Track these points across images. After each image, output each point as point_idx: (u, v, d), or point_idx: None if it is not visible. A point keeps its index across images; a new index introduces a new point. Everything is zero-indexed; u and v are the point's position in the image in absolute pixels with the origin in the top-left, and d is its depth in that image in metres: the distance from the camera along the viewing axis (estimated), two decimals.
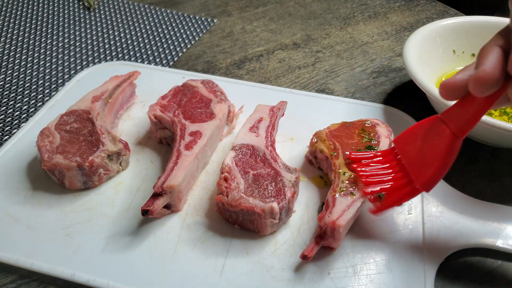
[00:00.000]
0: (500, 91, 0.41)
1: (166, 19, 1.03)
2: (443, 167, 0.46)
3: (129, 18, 1.03)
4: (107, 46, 0.93)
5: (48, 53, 0.91)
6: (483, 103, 0.43)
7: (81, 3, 1.09)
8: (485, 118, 0.58)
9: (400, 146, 0.52)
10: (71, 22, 1.01)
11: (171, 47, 0.93)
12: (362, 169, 0.54)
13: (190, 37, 0.96)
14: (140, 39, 0.96)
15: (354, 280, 0.50)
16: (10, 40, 0.94)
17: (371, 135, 0.61)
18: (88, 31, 0.98)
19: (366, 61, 0.90)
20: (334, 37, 0.98)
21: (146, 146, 0.67)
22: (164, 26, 1.00)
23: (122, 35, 0.97)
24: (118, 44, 0.94)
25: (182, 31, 0.99)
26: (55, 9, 1.06)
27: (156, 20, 1.03)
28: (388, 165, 0.53)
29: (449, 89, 0.44)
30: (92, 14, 1.05)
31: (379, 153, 0.55)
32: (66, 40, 0.95)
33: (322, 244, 0.50)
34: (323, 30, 1.00)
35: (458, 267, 0.53)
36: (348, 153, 0.57)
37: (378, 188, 0.51)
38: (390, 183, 0.51)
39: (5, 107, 0.76)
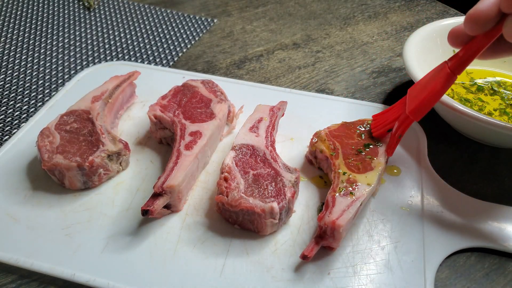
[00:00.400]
0: (495, 31, 0.45)
1: (166, 19, 1.03)
2: (432, 96, 0.52)
3: (129, 18, 1.03)
4: (107, 46, 0.93)
5: (48, 53, 0.91)
6: (480, 43, 0.47)
7: (81, 3, 1.09)
8: (485, 118, 0.58)
9: (410, 92, 0.57)
10: (71, 22, 1.01)
11: (171, 47, 0.93)
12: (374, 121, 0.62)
13: (190, 37, 0.96)
14: (140, 39, 0.96)
15: (354, 280, 0.50)
16: (10, 40, 0.94)
17: (371, 135, 0.61)
18: (88, 31, 0.98)
19: (366, 61, 0.90)
20: (334, 37, 0.98)
21: (146, 146, 0.67)
22: (164, 26, 1.00)
23: (122, 35, 0.97)
24: (118, 44, 0.94)
25: (182, 31, 0.99)
26: (55, 9, 1.06)
27: (156, 20, 1.03)
28: (398, 113, 0.58)
29: (454, 36, 0.48)
30: (92, 14, 1.05)
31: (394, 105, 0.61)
32: (66, 40, 0.95)
33: (322, 244, 0.50)
34: (323, 30, 1.00)
35: (458, 267, 0.53)
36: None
37: (382, 130, 0.60)
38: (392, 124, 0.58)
39: (5, 107, 0.76)
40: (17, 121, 0.74)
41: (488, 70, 0.79)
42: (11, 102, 0.78)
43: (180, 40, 0.95)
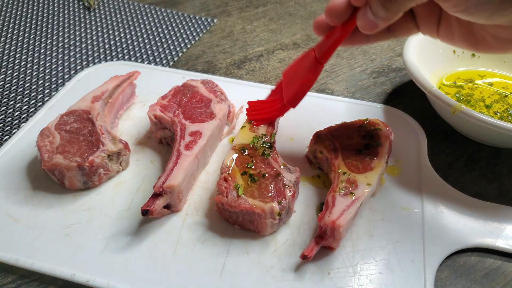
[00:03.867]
0: (351, 22, 0.50)
1: (166, 19, 1.03)
2: (304, 86, 0.57)
3: (129, 18, 1.03)
4: (107, 46, 0.93)
5: (48, 53, 0.91)
6: (340, 33, 0.52)
7: (81, 3, 1.09)
8: (485, 118, 0.58)
9: (285, 77, 0.61)
10: (71, 22, 1.01)
11: (171, 47, 0.93)
12: (252, 111, 0.64)
13: (190, 37, 0.96)
14: (140, 39, 0.96)
15: (354, 280, 0.50)
16: (10, 40, 0.94)
17: (371, 135, 0.61)
18: (88, 31, 0.98)
19: (366, 61, 0.90)
20: None
21: (146, 146, 0.67)
22: (164, 26, 1.00)
23: (122, 35, 0.97)
24: (118, 44, 0.94)
25: (182, 31, 0.99)
26: (55, 9, 1.06)
27: (156, 20, 1.03)
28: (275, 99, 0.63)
29: (318, 25, 0.54)
30: (92, 14, 1.05)
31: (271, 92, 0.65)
32: (66, 40, 0.95)
33: (322, 244, 0.50)
34: None
35: (458, 267, 0.53)
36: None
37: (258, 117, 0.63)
38: (270, 112, 0.62)
39: (5, 107, 0.76)
40: (17, 121, 0.74)
41: (488, 71, 0.78)
42: (11, 102, 0.78)
43: (180, 40, 0.95)
